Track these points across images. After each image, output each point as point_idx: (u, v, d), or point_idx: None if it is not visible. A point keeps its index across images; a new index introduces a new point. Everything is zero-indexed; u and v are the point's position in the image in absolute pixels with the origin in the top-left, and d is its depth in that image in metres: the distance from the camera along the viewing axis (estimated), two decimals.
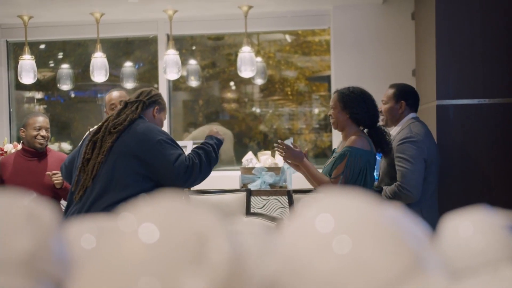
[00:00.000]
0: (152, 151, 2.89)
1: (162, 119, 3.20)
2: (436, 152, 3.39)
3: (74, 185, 3.00)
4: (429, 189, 3.32)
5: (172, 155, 2.90)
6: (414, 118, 3.44)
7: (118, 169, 2.90)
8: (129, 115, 2.99)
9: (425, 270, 0.51)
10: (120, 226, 0.54)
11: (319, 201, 0.55)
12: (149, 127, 2.98)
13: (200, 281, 0.45)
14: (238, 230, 0.59)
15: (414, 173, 3.22)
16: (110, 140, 2.94)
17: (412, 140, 3.26)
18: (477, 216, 0.65)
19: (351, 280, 0.50)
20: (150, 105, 3.09)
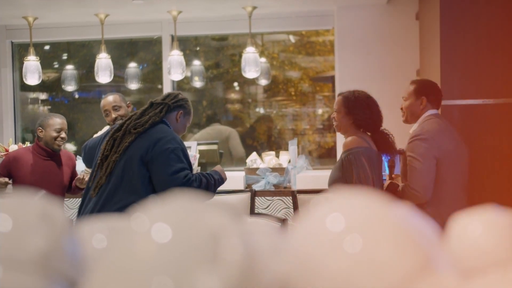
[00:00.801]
0: (156, 157, 2.91)
1: (185, 124, 3.21)
2: (455, 149, 3.19)
3: (91, 180, 3.06)
4: (446, 189, 3.15)
5: (173, 166, 2.90)
6: (432, 114, 3.29)
7: (127, 171, 2.94)
8: (151, 117, 3.02)
9: (436, 269, 0.51)
10: (132, 226, 0.55)
11: (329, 200, 0.55)
12: (165, 134, 2.99)
13: (214, 280, 0.45)
14: (249, 230, 0.59)
15: (422, 172, 3.10)
16: (128, 140, 2.99)
17: (421, 137, 3.14)
18: (485, 215, 0.65)
19: (363, 279, 0.50)
20: (174, 108, 3.11)
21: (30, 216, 0.56)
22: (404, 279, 0.50)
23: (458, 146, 3.24)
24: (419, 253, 0.51)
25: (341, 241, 0.52)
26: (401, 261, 0.50)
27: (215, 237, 0.48)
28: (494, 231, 0.63)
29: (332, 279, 0.51)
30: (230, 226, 0.49)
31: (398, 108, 3.39)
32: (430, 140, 3.12)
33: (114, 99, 4.00)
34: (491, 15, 3.95)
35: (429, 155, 3.10)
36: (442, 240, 0.64)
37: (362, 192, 0.56)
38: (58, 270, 0.56)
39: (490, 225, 0.63)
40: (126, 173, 2.95)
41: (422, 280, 0.49)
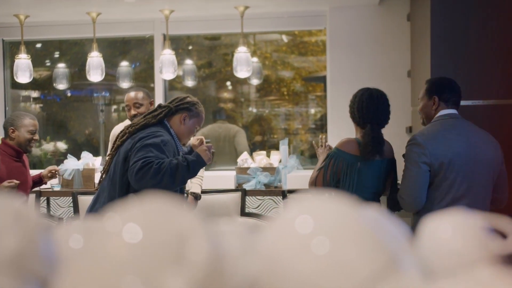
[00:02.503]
0: (132, 152, 2.94)
1: (191, 128, 3.14)
2: (456, 155, 2.91)
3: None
4: (442, 197, 2.93)
5: (139, 157, 2.89)
6: (442, 115, 3.04)
7: (116, 168, 3.01)
8: (147, 119, 3.07)
9: (401, 270, 0.52)
10: (105, 226, 0.55)
11: (299, 202, 0.56)
12: (151, 132, 3.00)
13: (179, 280, 0.46)
14: (220, 230, 0.60)
15: (410, 179, 2.94)
16: (121, 140, 3.07)
17: (413, 142, 2.96)
18: (456, 217, 0.66)
19: (329, 280, 0.51)
20: (177, 111, 3.11)
21: (3, 216, 0.56)
22: (369, 279, 0.51)
23: (470, 149, 2.94)
24: (384, 254, 0.52)
25: (309, 243, 0.53)
26: (367, 262, 0.51)
27: (182, 238, 0.49)
28: (463, 233, 0.65)
29: (299, 281, 0.52)
30: (198, 227, 0.50)
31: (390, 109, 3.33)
32: (422, 145, 2.92)
33: (136, 95, 3.98)
34: (482, 16, 3.97)
35: (419, 161, 2.91)
36: (413, 242, 0.65)
37: (331, 195, 0.57)
38: (31, 271, 0.56)
39: (459, 227, 0.65)
40: (114, 171, 3.02)
41: (387, 280, 0.50)
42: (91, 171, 4.80)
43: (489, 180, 2.98)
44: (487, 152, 2.98)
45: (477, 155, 2.95)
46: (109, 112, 7.53)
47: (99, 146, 6.99)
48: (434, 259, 0.64)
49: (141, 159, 2.86)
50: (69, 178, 4.76)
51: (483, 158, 2.96)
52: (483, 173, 2.95)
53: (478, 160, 2.94)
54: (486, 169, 2.96)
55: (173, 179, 2.86)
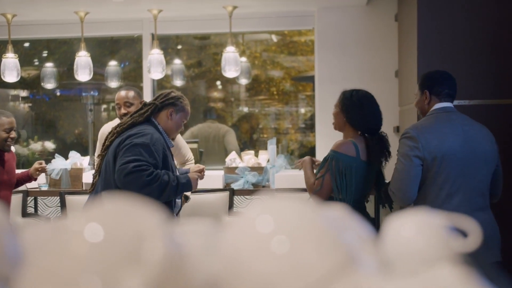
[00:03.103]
0: (120, 150, 2.95)
1: (178, 122, 3.18)
2: (450, 149, 2.84)
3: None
4: (437, 192, 2.87)
5: (127, 157, 2.90)
6: (436, 109, 2.97)
7: (106, 168, 3.04)
8: (134, 117, 3.09)
9: (358, 268, 0.53)
10: (69, 225, 0.56)
11: (260, 203, 0.57)
12: (139, 131, 3.02)
13: (136, 279, 0.47)
14: (181, 230, 0.61)
15: (401, 173, 2.87)
16: (110, 140, 3.09)
17: (407, 136, 2.90)
18: (418, 217, 0.67)
19: (287, 278, 0.52)
20: (163, 107, 3.13)
21: None
22: (326, 277, 0.52)
23: (465, 143, 2.87)
24: (341, 253, 0.53)
25: (269, 242, 0.54)
26: (324, 261, 0.52)
27: (139, 238, 0.49)
28: (425, 232, 0.66)
29: (259, 279, 0.53)
30: (155, 227, 0.50)
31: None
32: (415, 138, 2.85)
33: (127, 94, 3.97)
34: (468, 17, 4.00)
35: (411, 155, 2.85)
36: (376, 241, 0.67)
37: (291, 196, 0.58)
38: None
39: (421, 226, 0.66)
40: (106, 171, 3.05)
41: (343, 278, 0.51)
42: (79, 170, 4.79)
43: (486, 175, 2.91)
44: (483, 146, 2.91)
45: (473, 149, 2.88)
46: (98, 112, 7.51)
47: (88, 145, 6.97)
48: (397, 258, 0.65)
49: (132, 162, 2.87)
50: (57, 178, 4.75)
51: (479, 152, 2.89)
52: (479, 167, 2.88)
53: (474, 154, 2.87)
54: (483, 163, 2.89)
55: (160, 195, 2.92)
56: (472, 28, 3.99)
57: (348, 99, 3.12)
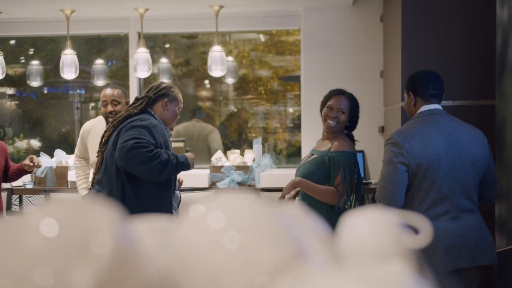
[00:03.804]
0: (122, 132, 2.99)
1: (175, 111, 3.23)
2: (436, 154, 2.77)
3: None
4: (423, 198, 2.79)
5: (126, 136, 2.94)
6: (423, 112, 2.87)
7: (109, 161, 3.08)
8: (129, 110, 3.13)
9: (306, 262, 0.55)
10: (26, 220, 0.57)
11: (212, 200, 0.59)
12: (138, 117, 3.06)
13: (85, 273, 0.48)
14: (134, 226, 0.63)
15: (387, 180, 2.79)
16: (107, 134, 3.13)
17: (391, 141, 2.81)
18: (372, 214, 0.69)
19: (237, 272, 0.54)
20: (157, 99, 3.18)
21: None
22: (274, 271, 0.54)
23: (452, 147, 2.79)
24: (290, 248, 0.55)
25: (220, 238, 0.55)
26: (272, 256, 0.54)
27: (89, 233, 0.51)
28: (378, 229, 0.68)
29: (210, 274, 0.55)
30: (106, 223, 0.52)
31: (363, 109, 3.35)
32: (399, 144, 2.77)
33: (115, 93, 4.00)
34: (451, 19, 4.04)
35: (396, 162, 2.76)
36: (331, 238, 0.69)
37: (243, 194, 0.60)
38: None
39: (375, 223, 0.68)
40: (108, 165, 3.07)
41: (290, 272, 0.53)
42: (64, 169, 4.78)
43: (473, 177, 2.83)
44: (471, 149, 2.82)
45: (461, 152, 2.79)
46: (85, 110, 7.49)
47: (74, 144, 6.96)
48: (350, 254, 0.67)
49: (132, 139, 2.90)
50: (42, 176, 4.74)
51: (467, 155, 2.80)
52: (466, 170, 2.81)
53: (460, 157, 2.79)
54: (470, 165, 2.81)
55: (160, 172, 2.95)
56: (455, 30, 4.03)
57: (356, 102, 3.24)
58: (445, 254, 2.77)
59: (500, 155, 3.88)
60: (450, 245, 2.78)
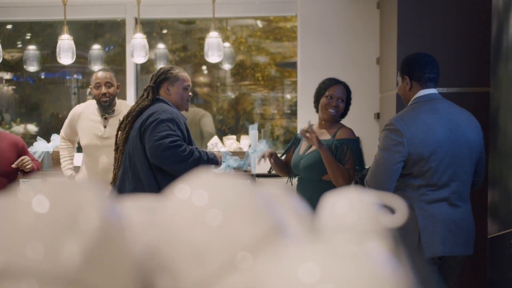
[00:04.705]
0: (146, 128, 3.05)
1: (180, 92, 3.22)
2: (438, 143, 2.71)
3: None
4: (423, 185, 2.74)
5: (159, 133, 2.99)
6: (421, 97, 2.78)
7: (134, 158, 3.11)
8: (139, 104, 3.16)
9: (283, 238, 0.58)
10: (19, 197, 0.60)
11: (195, 178, 0.62)
12: (158, 108, 3.12)
13: (74, 246, 0.51)
14: (122, 205, 0.66)
15: (379, 167, 2.71)
16: (125, 131, 3.18)
17: (390, 128, 2.72)
18: (351, 194, 0.72)
19: (218, 247, 0.57)
20: (159, 86, 3.20)
21: None
22: (253, 245, 0.57)
23: (452, 133, 2.74)
24: (269, 225, 0.58)
25: (203, 215, 0.58)
26: (251, 231, 0.57)
27: (78, 209, 0.54)
28: (357, 209, 0.71)
29: (192, 249, 0.58)
30: (93, 200, 0.55)
31: (359, 96, 3.39)
32: (400, 132, 2.68)
33: (108, 75, 4.04)
34: (447, 5, 4.05)
35: (394, 150, 2.68)
36: (312, 216, 0.72)
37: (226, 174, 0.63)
38: None
39: (354, 203, 0.71)
40: (133, 162, 3.10)
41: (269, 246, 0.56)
42: None
43: (471, 164, 2.81)
44: (469, 134, 2.78)
45: (459, 140, 2.75)
46: (82, 95, 7.51)
47: None
48: (330, 232, 0.70)
49: (166, 138, 2.96)
50: (39, 161, 4.76)
51: (465, 141, 2.77)
52: (465, 157, 2.77)
53: (459, 144, 2.75)
54: (468, 152, 2.78)
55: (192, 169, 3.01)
56: (451, 17, 4.04)
57: (350, 92, 3.32)
58: (443, 239, 2.78)
59: (493, 142, 3.91)
60: (450, 231, 2.80)
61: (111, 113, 4.00)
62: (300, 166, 3.23)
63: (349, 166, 3.11)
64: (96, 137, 3.96)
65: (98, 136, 3.95)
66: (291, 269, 0.47)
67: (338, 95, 3.23)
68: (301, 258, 0.47)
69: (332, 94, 3.23)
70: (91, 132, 3.97)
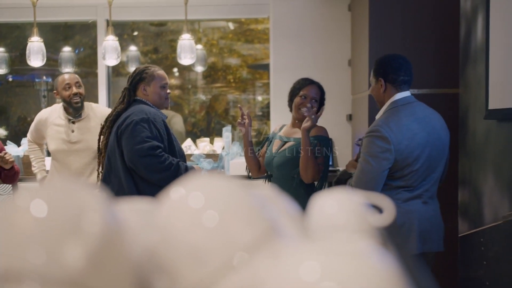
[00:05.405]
0: (123, 131, 3.01)
1: (157, 91, 3.18)
2: (420, 147, 2.72)
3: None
4: (401, 185, 2.75)
5: (137, 137, 2.96)
6: (399, 100, 2.76)
7: (113, 163, 3.09)
8: (116, 108, 3.14)
9: (279, 238, 0.59)
10: (16, 202, 0.61)
11: (192, 181, 0.63)
12: (134, 110, 3.09)
13: (77, 250, 0.52)
14: (120, 207, 0.66)
15: (367, 174, 2.68)
16: (105, 137, 3.17)
17: (376, 134, 2.68)
18: (340, 195, 0.74)
19: (216, 248, 0.58)
20: (135, 86, 3.17)
21: None
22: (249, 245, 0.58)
23: (430, 136, 2.76)
24: (265, 226, 0.60)
25: (200, 216, 0.59)
26: (247, 231, 0.58)
27: (80, 212, 0.54)
28: (346, 209, 0.73)
29: (190, 250, 0.59)
30: (95, 203, 0.56)
31: (331, 97, 3.43)
32: (387, 139, 2.65)
33: (75, 76, 4.02)
34: (418, 9, 4.13)
35: (381, 157, 2.66)
36: (302, 217, 0.73)
37: (222, 175, 0.64)
38: None
39: (342, 204, 0.73)
40: (113, 166, 3.09)
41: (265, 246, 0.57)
42: None
43: (442, 164, 2.85)
44: (441, 135, 2.82)
45: (436, 141, 2.78)
46: (51, 98, 7.40)
47: None
48: (320, 231, 0.72)
49: (144, 142, 2.94)
50: None
51: (440, 143, 2.80)
52: (439, 157, 2.81)
53: (436, 146, 2.78)
54: (442, 153, 2.82)
55: (170, 181, 2.97)
56: (421, 19, 4.12)
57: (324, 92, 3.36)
58: (419, 237, 2.82)
59: (463, 142, 4.00)
60: (425, 228, 2.85)
61: (78, 117, 3.97)
62: (274, 164, 3.27)
63: (320, 161, 3.15)
64: (63, 142, 3.92)
65: (66, 141, 3.91)
66: (292, 268, 0.48)
67: (312, 95, 3.28)
68: (301, 257, 0.49)
69: (306, 94, 3.27)
70: (59, 137, 3.93)
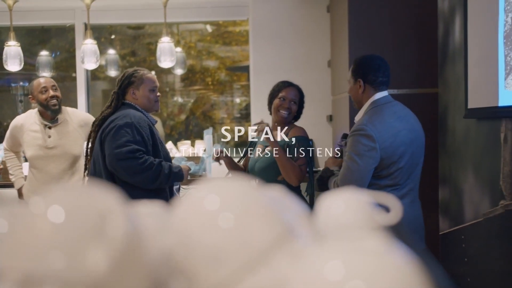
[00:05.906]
0: (106, 135, 2.98)
1: (146, 94, 3.13)
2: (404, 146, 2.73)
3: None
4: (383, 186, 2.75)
5: (117, 141, 2.92)
6: (378, 100, 2.79)
7: (98, 168, 3.05)
8: (104, 113, 3.10)
9: (295, 240, 0.60)
10: (31, 209, 0.60)
11: (207, 183, 0.64)
12: (118, 114, 3.04)
13: (100, 254, 0.52)
14: (137, 210, 0.67)
15: (355, 173, 2.68)
16: (92, 141, 3.14)
17: (361, 133, 2.68)
18: (347, 195, 0.75)
19: (233, 250, 0.59)
20: (124, 90, 3.13)
21: None
22: (267, 247, 0.59)
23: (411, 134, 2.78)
24: (280, 226, 0.61)
25: (216, 218, 0.60)
26: (265, 233, 0.59)
27: (102, 216, 0.55)
28: (353, 209, 0.74)
29: (208, 252, 0.59)
30: (116, 207, 0.56)
31: (311, 98, 3.45)
32: (373, 138, 2.66)
33: (51, 79, 3.98)
34: (396, 9, 4.18)
35: (368, 156, 2.66)
36: (311, 217, 0.74)
37: (236, 178, 0.65)
38: None
39: (350, 203, 0.74)
40: (97, 170, 3.04)
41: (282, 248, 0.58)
42: None
43: (421, 162, 2.87)
44: (420, 134, 2.85)
45: (416, 139, 2.81)
46: (28, 103, 7.31)
47: None
48: (329, 231, 0.73)
49: (123, 147, 2.88)
50: None
51: (419, 141, 2.83)
52: (419, 156, 2.83)
53: (417, 144, 2.81)
54: (421, 151, 2.85)
55: (152, 182, 2.96)
56: (400, 20, 4.18)
57: (303, 94, 3.39)
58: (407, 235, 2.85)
59: (443, 141, 4.06)
60: (411, 227, 2.89)
61: (54, 122, 3.93)
62: (256, 169, 3.28)
63: (301, 163, 3.16)
64: (40, 148, 3.87)
65: (43, 147, 3.87)
66: (315, 268, 0.49)
67: (291, 97, 3.30)
68: (324, 257, 0.50)
69: (285, 96, 3.30)
70: (35, 143, 3.88)
